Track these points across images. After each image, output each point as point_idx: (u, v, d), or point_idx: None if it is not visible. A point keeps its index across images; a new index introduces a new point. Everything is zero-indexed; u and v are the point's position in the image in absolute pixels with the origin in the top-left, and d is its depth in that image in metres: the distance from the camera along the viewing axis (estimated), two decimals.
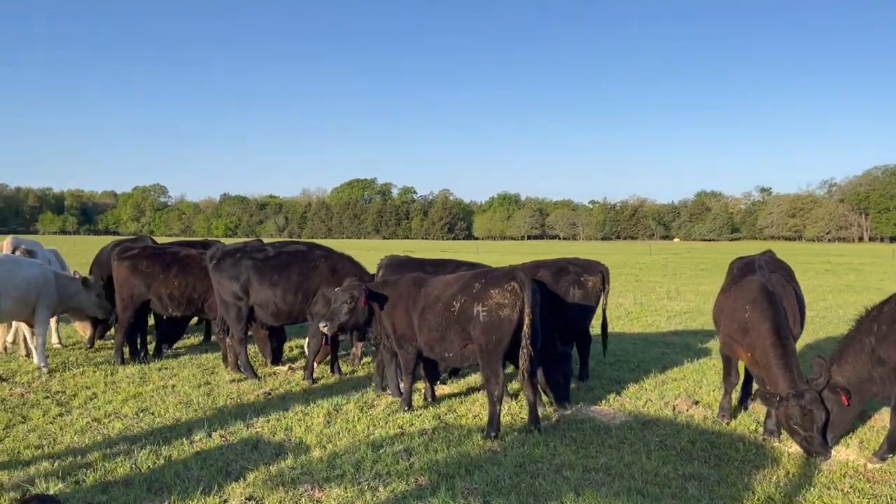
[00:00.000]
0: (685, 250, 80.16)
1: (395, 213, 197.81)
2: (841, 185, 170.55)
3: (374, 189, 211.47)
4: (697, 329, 14.84)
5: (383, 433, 7.21)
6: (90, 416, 7.77)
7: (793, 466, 6.17)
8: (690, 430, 7.22)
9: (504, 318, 6.97)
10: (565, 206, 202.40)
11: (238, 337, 9.73)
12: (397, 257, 9.67)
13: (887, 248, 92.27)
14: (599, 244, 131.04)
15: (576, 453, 6.52)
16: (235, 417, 7.70)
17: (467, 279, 7.41)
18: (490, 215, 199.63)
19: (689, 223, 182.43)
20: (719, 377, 9.70)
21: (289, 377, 9.82)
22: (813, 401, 6.29)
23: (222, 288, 9.72)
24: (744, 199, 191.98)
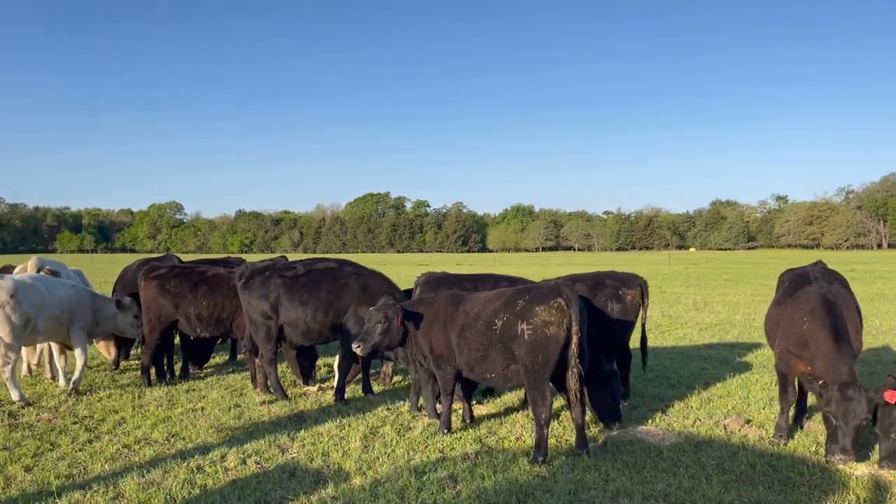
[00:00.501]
0: (703, 260, 79.33)
1: (409, 227, 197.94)
2: (858, 192, 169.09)
3: (387, 203, 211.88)
4: (732, 342, 14.44)
5: (424, 458, 6.91)
6: (120, 442, 7.54)
7: (862, 491, 5.81)
8: (747, 451, 6.86)
9: (551, 337, 6.68)
10: (579, 217, 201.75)
11: (268, 357, 9.48)
12: (435, 274, 9.40)
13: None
14: (615, 255, 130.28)
15: (630, 478, 6.19)
16: (269, 442, 7.44)
17: (510, 296, 7.12)
18: (504, 227, 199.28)
19: (705, 232, 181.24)
20: (766, 393, 9.39)
21: (320, 398, 9.56)
22: (856, 393, 6.03)
23: (251, 307, 9.49)
24: (759, 207, 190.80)
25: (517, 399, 9.30)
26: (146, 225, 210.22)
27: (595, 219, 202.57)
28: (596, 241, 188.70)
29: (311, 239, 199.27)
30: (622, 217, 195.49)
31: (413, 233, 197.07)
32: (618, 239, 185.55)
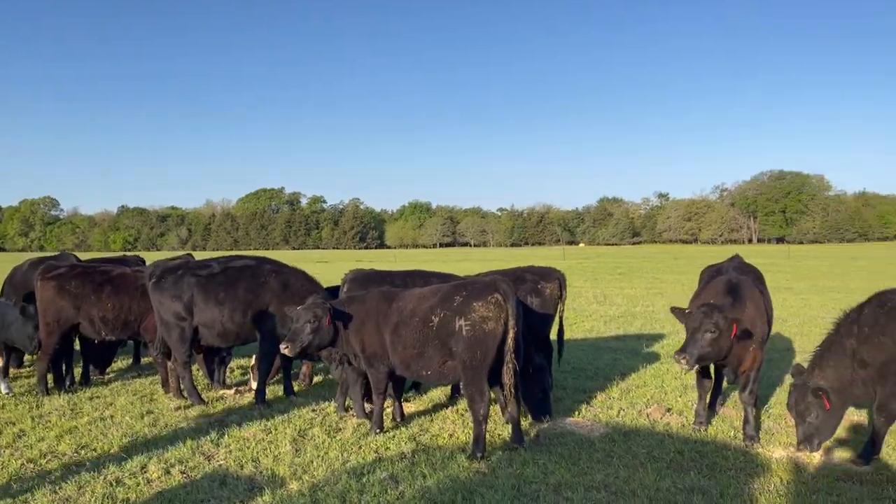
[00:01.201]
0: (595, 255, 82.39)
1: (305, 223, 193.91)
2: (731, 190, 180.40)
3: (281, 199, 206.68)
4: (637, 333, 15.04)
5: (360, 459, 6.76)
6: (23, 456, 6.93)
7: (784, 473, 6.16)
8: (673, 439, 7.13)
9: (489, 332, 6.68)
10: (475, 214, 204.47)
11: (182, 360, 9.00)
12: (363, 271, 9.19)
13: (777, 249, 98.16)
14: (510, 251, 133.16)
15: (569, 470, 6.29)
16: (192, 450, 7.05)
17: (447, 291, 7.07)
18: (402, 224, 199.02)
19: (593, 228, 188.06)
20: (679, 382, 9.82)
21: (238, 401, 9.17)
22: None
23: (163, 308, 8.97)
24: (643, 204, 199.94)
25: (444, 395, 9.28)
26: (17, 222, 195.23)
27: (490, 215, 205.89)
28: (491, 237, 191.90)
29: (201, 236, 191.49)
30: (515, 214, 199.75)
31: (309, 229, 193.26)
32: (512, 235, 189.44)
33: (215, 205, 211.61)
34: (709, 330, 6.65)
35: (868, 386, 6.38)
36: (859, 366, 6.35)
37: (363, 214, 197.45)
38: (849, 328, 6.51)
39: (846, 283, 29.71)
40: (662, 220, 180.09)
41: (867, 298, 6.69)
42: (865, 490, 5.75)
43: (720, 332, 6.66)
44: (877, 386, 6.31)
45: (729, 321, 6.71)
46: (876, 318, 6.35)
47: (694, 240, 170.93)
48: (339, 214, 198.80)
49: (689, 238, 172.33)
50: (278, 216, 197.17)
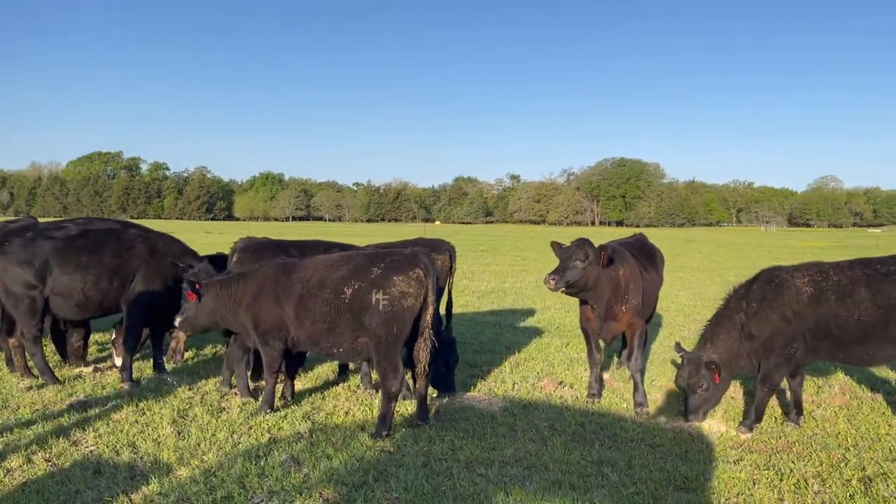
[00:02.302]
0: (452, 232, 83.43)
1: (145, 191, 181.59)
2: (577, 175, 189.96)
3: (118, 164, 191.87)
4: (511, 308, 15.28)
5: (253, 441, 6.25)
6: None
7: (681, 442, 6.36)
8: (572, 412, 7.20)
9: (407, 308, 6.37)
10: (330, 188, 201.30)
11: (32, 335, 7.91)
12: (255, 240, 8.47)
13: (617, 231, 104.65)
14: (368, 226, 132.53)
15: (477, 446, 6.15)
16: (53, 435, 6.21)
17: (361, 262, 6.59)
18: (252, 195, 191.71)
19: (449, 206, 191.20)
20: (563, 354, 10.03)
21: (100, 380, 8.25)
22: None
23: (7, 275, 7.82)
24: (496, 184, 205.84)
25: (333, 371, 8.88)
26: None
27: (346, 190, 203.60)
28: (347, 212, 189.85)
29: (25, 200, 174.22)
30: (372, 189, 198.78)
31: (150, 197, 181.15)
32: (368, 210, 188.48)
33: (42, 167, 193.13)
34: (579, 258, 7.05)
35: (753, 358, 6.76)
36: (746, 339, 6.70)
37: (210, 184, 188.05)
38: (738, 303, 6.84)
39: (688, 263, 32.12)
40: (514, 201, 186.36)
41: (755, 275, 7.06)
42: (756, 458, 6.05)
43: (588, 261, 7.04)
44: (761, 358, 6.69)
45: (597, 252, 7.12)
46: (763, 293, 6.72)
47: (542, 221, 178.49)
48: (183, 183, 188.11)
49: (538, 219, 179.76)
50: (115, 182, 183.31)
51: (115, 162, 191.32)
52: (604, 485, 5.34)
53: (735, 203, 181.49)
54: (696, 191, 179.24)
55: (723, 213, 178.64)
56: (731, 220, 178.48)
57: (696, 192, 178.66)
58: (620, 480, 5.41)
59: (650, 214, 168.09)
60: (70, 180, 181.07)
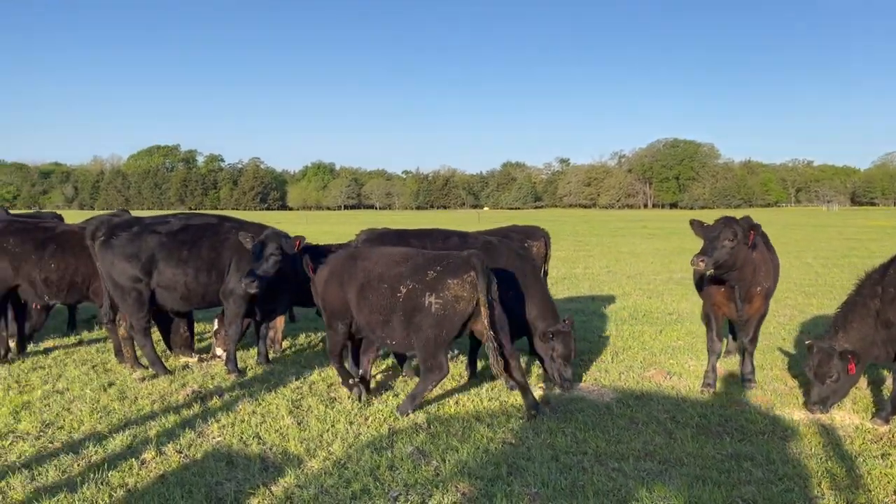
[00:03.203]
0: (505, 219, 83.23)
1: (202, 183, 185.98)
2: (629, 157, 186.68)
3: (176, 157, 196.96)
4: (590, 294, 15.04)
5: (374, 432, 6.23)
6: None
7: (814, 436, 6.09)
8: (690, 403, 6.98)
9: (459, 312, 6.42)
10: (380, 176, 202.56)
11: (141, 326, 8.10)
12: (375, 231, 8.50)
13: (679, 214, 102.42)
14: (418, 213, 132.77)
15: (601, 438, 6.01)
16: (178, 426, 6.33)
17: (419, 263, 6.66)
18: (305, 185, 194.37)
19: (497, 192, 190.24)
20: (660, 342, 9.79)
21: (207, 370, 8.39)
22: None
23: (115, 269, 8.00)
24: (545, 169, 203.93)
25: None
26: None
27: (395, 178, 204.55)
28: (396, 199, 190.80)
29: (88, 194, 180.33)
30: (420, 177, 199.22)
31: (206, 189, 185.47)
32: (417, 198, 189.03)
33: (104, 161, 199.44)
34: (727, 237, 6.81)
35: (889, 347, 6.43)
36: (883, 326, 6.38)
37: (264, 174, 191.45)
38: (872, 289, 6.51)
39: None
40: (563, 185, 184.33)
41: (889, 259, 6.71)
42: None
43: (737, 240, 6.82)
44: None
45: (746, 230, 6.87)
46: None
47: (593, 204, 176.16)
48: (238, 174, 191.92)
49: (589, 203, 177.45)
50: (173, 175, 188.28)
51: (174, 155, 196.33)
52: (748, 481, 5.13)
53: (794, 182, 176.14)
54: (753, 171, 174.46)
55: (781, 193, 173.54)
56: (789, 200, 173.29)
57: (753, 172, 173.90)
58: (765, 476, 5.20)
59: (705, 196, 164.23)
60: (131, 173, 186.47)
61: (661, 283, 17.02)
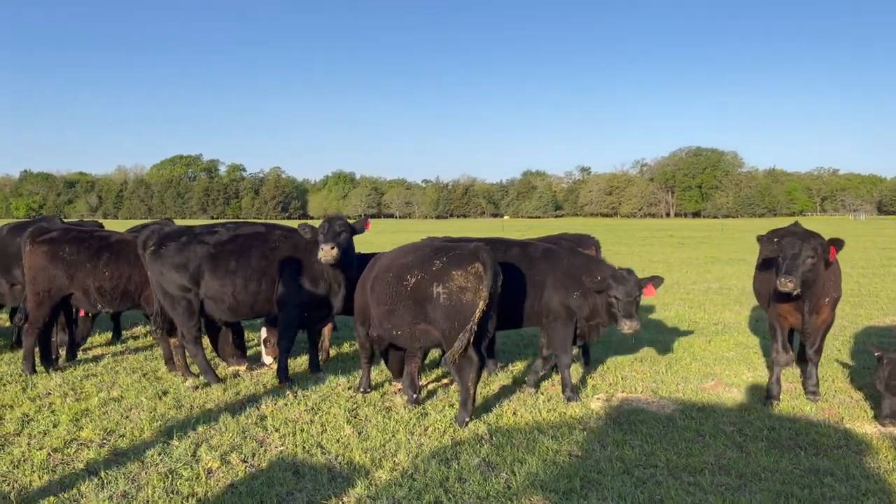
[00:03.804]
0: (527, 227, 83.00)
1: (224, 192, 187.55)
2: (651, 165, 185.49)
3: (199, 166, 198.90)
4: None
5: (436, 443, 6.16)
6: (45, 445, 6.01)
7: (890, 450, 5.90)
8: (756, 415, 6.81)
9: (466, 304, 6.38)
10: (400, 185, 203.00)
11: (191, 336, 8.10)
12: (436, 239, 8.38)
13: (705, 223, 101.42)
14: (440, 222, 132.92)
15: (671, 451, 5.88)
16: (239, 435, 6.30)
17: (426, 253, 6.77)
18: (325, 194, 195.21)
19: (517, 201, 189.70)
20: (711, 353, 9.62)
21: (259, 379, 8.36)
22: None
23: (165, 279, 8.01)
24: (566, 177, 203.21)
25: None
26: None
27: (415, 187, 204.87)
28: (417, 208, 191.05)
29: (112, 203, 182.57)
30: (441, 186, 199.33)
31: (228, 198, 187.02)
32: (437, 207, 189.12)
33: (127, 171, 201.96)
34: (809, 255, 6.66)
35: None
36: None
37: (285, 184, 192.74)
38: None
39: None
40: (584, 194, 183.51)
41: None
42: None
43: (817, 257, 6.69)
44: None
45: (826, 245, 6.76)
46: None
47: (614, 213, 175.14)
48: (259, 183, 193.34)
49: (610, 212, 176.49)
50: (195, 184, 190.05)
51: (196, 164, 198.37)
52: (832, 497, 4.99)
53: (819, 191, 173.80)
54: (778, 179, 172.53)
55: (806, 201, 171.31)
56: (815, 209, 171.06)
57: (778, 180, 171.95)
58: (848, 492, 5.05)
59: (728, 205, 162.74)
60: (154, 183, 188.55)
61: (699, 292, 16.80)
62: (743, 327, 11.87)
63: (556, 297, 7.47)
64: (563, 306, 7.43)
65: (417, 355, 7.34)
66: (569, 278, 7.44)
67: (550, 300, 7.48)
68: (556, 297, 7.46)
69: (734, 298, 15.56)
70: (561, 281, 7.47)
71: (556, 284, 7.49)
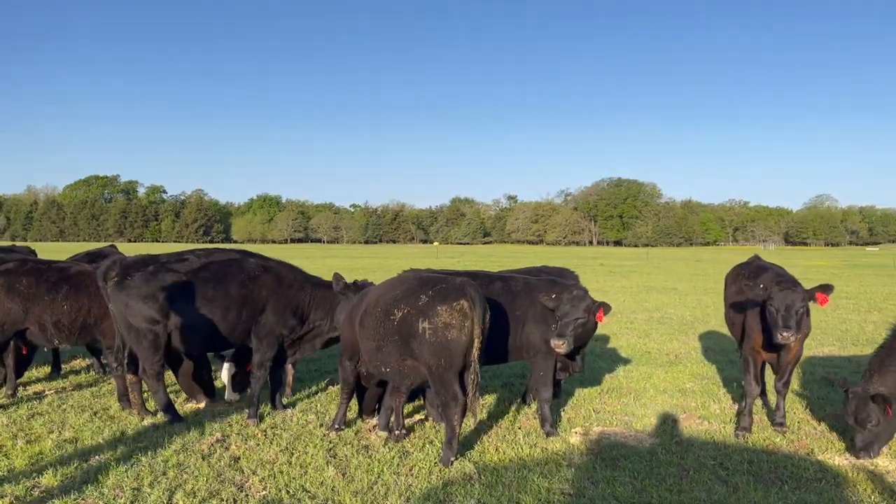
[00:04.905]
0: (459, 254, 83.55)
1: (143, 214, 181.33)
2: (574, 195, 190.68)
3: (115, 187, 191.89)
4: None
5: (424, 484, 5.96)
6: (6, 493, 5.51)
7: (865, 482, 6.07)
8: (733, 449, 6.91)
9: (452, 340, 6.31)
10: (328, 210, 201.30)
11: (155, 371, 7.65)
12: (418, 272, 8.20)
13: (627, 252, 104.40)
14: (369, 248, 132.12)
15: (662, 488, 5.88)
16: (213, 480, 5.95)
17: (412, 287, 6.65)
18: (250, 217, 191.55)
19: (446, 227, 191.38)
20: (672, 385, 9.80)
21: (223, 416, 7.96)
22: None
23: (130, 311, 7.56)
24: (494, 205, 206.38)
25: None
26: None
27: (343, 211, 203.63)
28: (345, 233, 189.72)
29: (21, 225, 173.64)
30: (370, 211, 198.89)
31: (147, 220, 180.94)
32: (366, 232, 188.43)
33: (38, 191, 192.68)
34: (802, 306, 6.95)
35: None
36: None
37: (207, 206, 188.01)
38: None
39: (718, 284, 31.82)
40: (511, 222, 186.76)
41: None
42: None
43: (806, 307, 7.02)
44: None
45: (812, 294, 7.04)
46: None
47: (540, 241, 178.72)
48: (180, 206, 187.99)
49: (536, 239, 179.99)
50: (112, 206, 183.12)
51: (113, 185, 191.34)
52: None
53: (731, 222, 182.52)
54: (693, 210, 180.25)
55: (719, 232, 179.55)
56: (727, 239, 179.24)
57: (693, 211, 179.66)
58: None
59: (648, 234, 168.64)
60: (67, 204, 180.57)
61: (643, 321, 17.18)
62: (695, 357, 12.17)
63: (536, 331, 7.45)
64: (544, 341, 7.41)
65: (403, 391, 7.17)
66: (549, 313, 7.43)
67: (531, 334, 7.46)
68: (537, 331, 7.44)
69: (677, 328, 15.99)
70: (541, 315, 7.46)
71: (536, 319, 7.48)
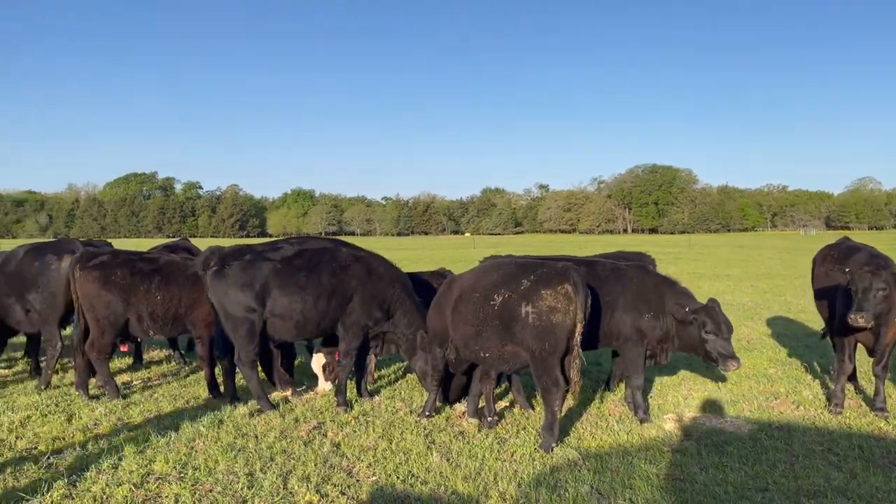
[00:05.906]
0: (492, 244, 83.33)
1: (180, 210, 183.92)
2: (608, 182, 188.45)
3: (153, 184, 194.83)
4: None
5: (531, 469, 5.96)
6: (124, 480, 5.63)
7: None
8: (836, 434, 6.79)
9: (557, 324, 6.28)
10: (360, 203, 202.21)
11: (249, 359, 7.75)
12: (499, 258, 8.27)
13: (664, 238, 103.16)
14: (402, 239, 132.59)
15: (777, 474, 5.78)
16: (323, 464, 6.03)
17: (512, 271, 6.65)
18: (285, 211, 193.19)
19: (477, 218, 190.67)
20: (752, 370, 9.64)
21: (312, 405, 8.05)
22: None
23: (228, 299, 7.68)
24: (525, 195, 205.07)
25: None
26: None
27: (375, 204, 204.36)
28: (377, 226, 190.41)
29: (63, 223, 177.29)
30: (401, 203, 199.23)
31: (184, 216, 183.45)
32: (398, 224, 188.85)
33: (79, 189, 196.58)
34: (881, 288, 6.86)
35: None
36: None
37: (243, 201, 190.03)
38: None
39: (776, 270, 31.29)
40: (543, 211, 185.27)
41: None
42: None
43: (890, 289, 6.89)
44: None
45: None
46: None
47: (573, 230, 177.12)
48: (216, 201, 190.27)
49: (569, 228, 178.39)
50: (150, 202, 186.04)
51: (151, 182, 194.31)
52: None
53: (770, 207, 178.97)
54: (730, 196, 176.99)
55: (758, 217, 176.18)
56: (765, 224, 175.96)
57: (730, 196, 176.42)
58: None
59: (684, 220, 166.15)
60: (107, 201, 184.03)
61: None
62: (768, 343, 11.99)
63: (627, 318, 7.38)
64: (635, 328, 7.34)
65: (492, 377, 7.18)
66: (640, 300, 7.37)
67: (621, 322, 7.40)
68: (628, 318, 7.37)
69: (742, 314, 15.75)
70: (632, 302, 7.39)
71: (626, 306, 7.41)
